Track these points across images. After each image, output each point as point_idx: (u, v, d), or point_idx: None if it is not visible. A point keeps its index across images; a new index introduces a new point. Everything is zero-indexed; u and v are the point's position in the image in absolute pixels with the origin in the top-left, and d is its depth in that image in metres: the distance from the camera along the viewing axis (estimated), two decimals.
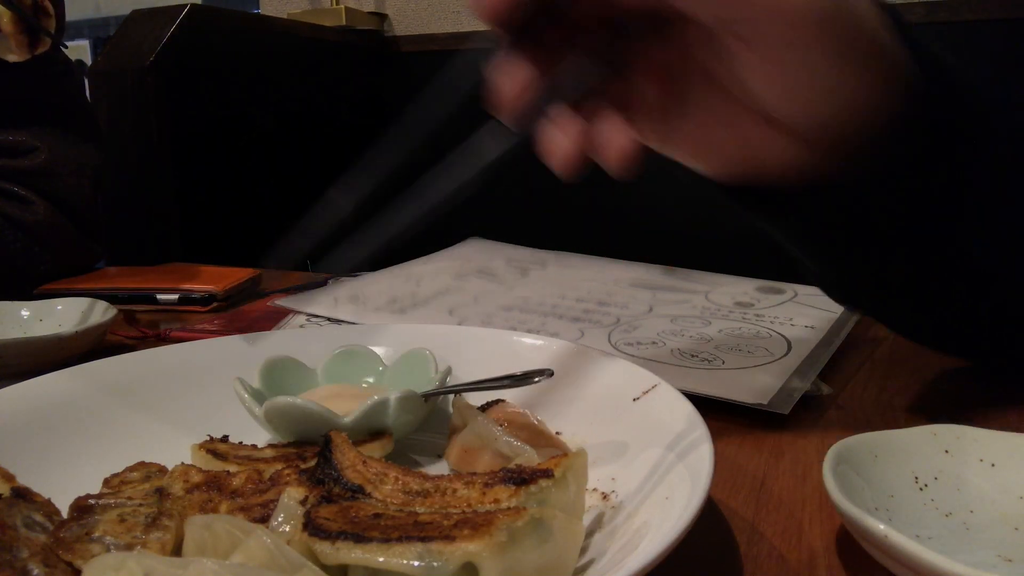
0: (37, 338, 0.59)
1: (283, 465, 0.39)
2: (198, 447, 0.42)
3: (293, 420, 0.42)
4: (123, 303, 0.78)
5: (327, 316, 0.71)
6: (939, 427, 0.37)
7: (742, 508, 0.38)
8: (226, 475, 0.38)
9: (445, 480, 0.35)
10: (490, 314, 0.71)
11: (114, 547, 0.32)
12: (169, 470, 0.39)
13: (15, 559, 0.30)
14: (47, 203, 0.91)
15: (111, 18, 3.49)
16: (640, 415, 0.41)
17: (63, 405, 0.45)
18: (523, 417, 0.43)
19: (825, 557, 0.34)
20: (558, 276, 0.85)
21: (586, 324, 0.67)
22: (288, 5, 1.94)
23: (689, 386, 0.47)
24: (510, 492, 0.32)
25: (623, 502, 0.35)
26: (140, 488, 0.37)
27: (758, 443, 0.46)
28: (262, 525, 0.31)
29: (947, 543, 0.33)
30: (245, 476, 0.37)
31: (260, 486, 0.37)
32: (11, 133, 0.91)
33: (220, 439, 0.43)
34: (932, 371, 0.57)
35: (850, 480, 0.33)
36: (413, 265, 0.92)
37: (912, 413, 0.50)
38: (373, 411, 0.42)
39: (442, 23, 1.74)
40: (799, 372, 0.54)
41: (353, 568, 0.29)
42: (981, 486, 0.35)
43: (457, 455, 0.42)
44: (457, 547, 0.27)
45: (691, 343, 0.61)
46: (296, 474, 0.37)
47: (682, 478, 0.33)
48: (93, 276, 0.92)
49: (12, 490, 0.34)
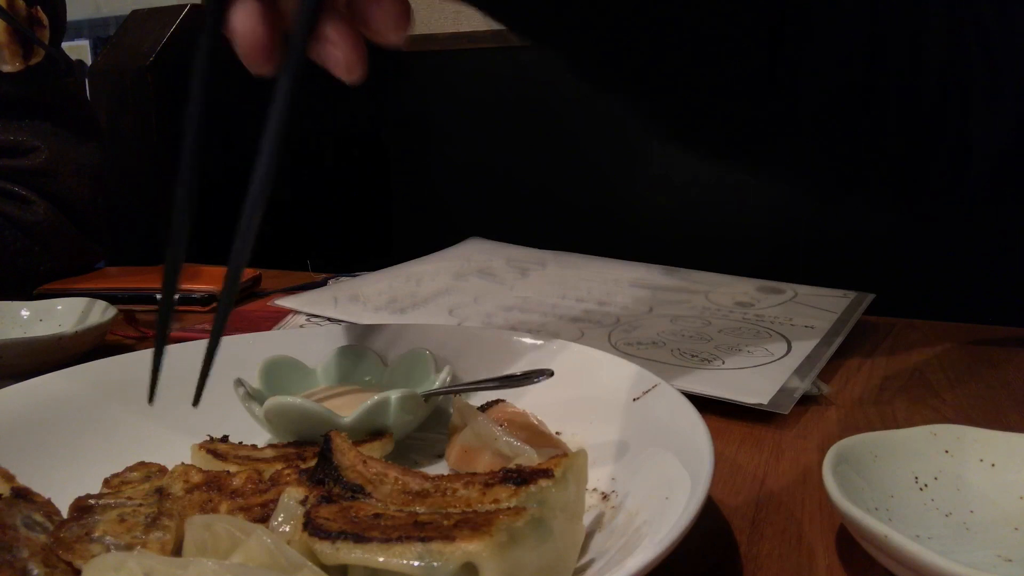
0: (37, 338, 0.59)
1: (283, 465, 0.39)
2: (198, 447, 0.42)
3: (293, 420, 0.42)
4: (123, 303, 0.78)
5: (327, 316, 0.71)
6: (939, 427, 0.37)
7: (742, 508, 0.39)
8: (226, 475, 0.38)
9: (445, 480, 0.35)
10: (490, 314, 0.71)
11: (114, 547, 0.32)
12: (169, 470, 0.39)
13: (15, 559, 0.30)
14: (47, 203, 0.91)
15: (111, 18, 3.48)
16: (640, 415, 0.41)
17: (63, 405, 0.45)
18: (523, 417, 0.43)
19: (825, 557, 0.34)
20: (558, 276, 0.85)
21: (586, 324, 0.67)
22: None
23: (689, 386, 0.47)
24: (510, 492, 0.32)
25: (623, 502, 0.35)
26: (140, 488, 0.37)
27: (758, 443, 0.46)
28: (262, 525, 0.31)
29: (947, 543, 0.33)
30: (245, 476, 0.37)
31: (260, 486, 0.37)
32: (11, 133, 0.91)
33: (220, 439, 0.43)
34: (932, 371, 0.57)
35: (850, 480, 0.33)
36: (413, 265, 0.92)
37: (912, 413, 0.50)
38: (373, 411, 0.42)
39: (442, 23, 1.74)
40: (799, 372, 0.54)
41: (353, 568, 0.29)
42: (981, 486, 0.35)
43: (457, 455, 0.42)
44: (457, 547, 0.27)
45: (691, 343, 0.61)
46: (296, 474, 0.37)
47: (682, 478, 0.33)
48: (93, 276, 0.92)
49: (12, 490, 0.34)
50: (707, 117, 0.50)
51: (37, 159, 0.91)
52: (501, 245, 1.00)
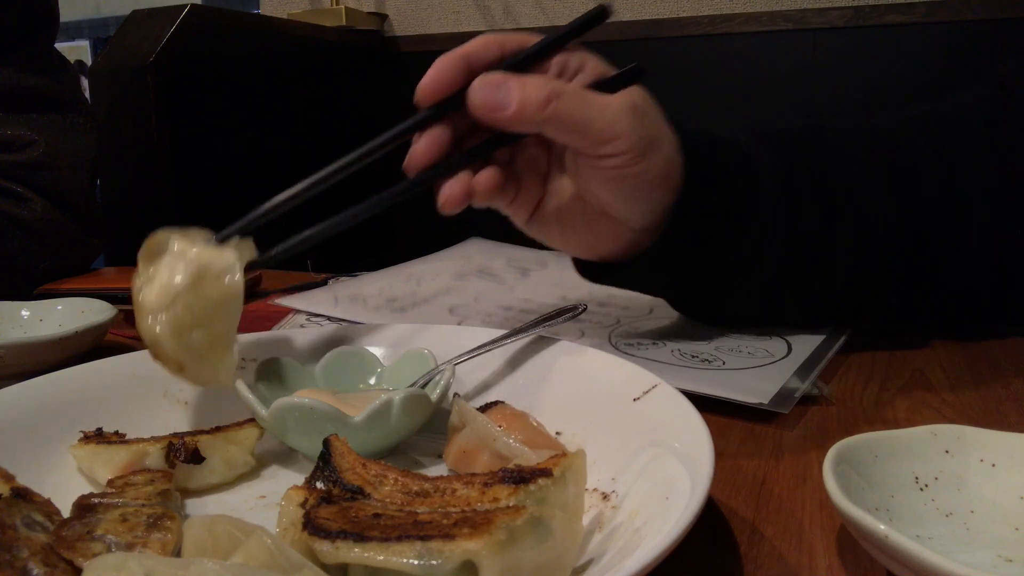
0: (37, 338, 0.59)
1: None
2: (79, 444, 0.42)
3: (300, 420, 0.42)
4: (123, 303, 0.78)
5: (327, 316, 0.71)
6: (939, 427, 0.37)
7: (742, 508, 0.38)
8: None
9: (444, 480, 0.35)
10: (490, 314, 0.71)
11: (115, 546, 0.32)
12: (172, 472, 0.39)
13: (15, 559, 0.30)
14: (44, 200, 0.91)
15: (111, 18, 3.49)
16: (640, 415, 0.41)
17: (63, 405, 0.45)
18: (522, 418, 0.43)
19: (825, 557, 0.34)
20: (558, 276, 0.85)
21: (586, 324, 0.67)
22: (288, 5, 1.94)
23: (689, 386, 0.47)
24: (509, 491, 0.32)
25: (623, 502, 0.35)
26: (144, 490, 0.37)
27: (758, 443, 0.46)
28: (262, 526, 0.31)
29: (947, 543, 0.33)
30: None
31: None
32: (8, 127, 0.90)
33: (95, 431, 0.44)
34: (932, 371, 0.57)
35: (850, 480, 0.33)
36: (413, 265, 0.92)
37: (912, 413, 0.50)
38: (381, 410, 0.42)
39: (442, 23, 1.74)
40: (799, 372, 0.54)
41: (353, 567, 0.29)
42: (981, 486, 0.35)
43: (456, 456, 0.42)
44: (457, 546, 0.27)
45: (691, 343, 0.61)
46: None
47: (682, 478, 0.33)
48: (93, 276, 0.92)
49: (12, 490, 0.34)
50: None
51: (34, 152, 0.91)
52: (501, 245, 1.00)
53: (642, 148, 0.49)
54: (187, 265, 0.45)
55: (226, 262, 0.45)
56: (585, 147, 0.49)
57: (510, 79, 0.48)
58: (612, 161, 0.49)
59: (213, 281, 0.45)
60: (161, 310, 0.44)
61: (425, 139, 0.50)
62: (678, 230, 0.55)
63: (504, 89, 0.47)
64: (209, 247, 0.46)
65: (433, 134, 0.50)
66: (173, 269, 0.45)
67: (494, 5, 1.65)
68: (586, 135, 0.48)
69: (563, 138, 0.49)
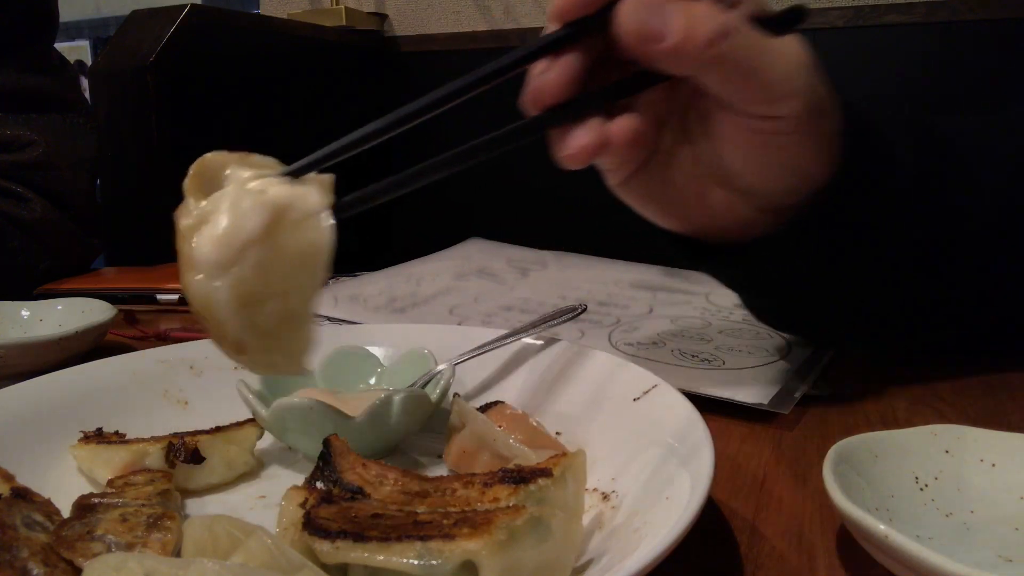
0: (37, 338, 0.59)
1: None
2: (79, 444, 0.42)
3: (300, 420, 0.42)
4: (123, 303, 0.78)
5: (327, 316, 0.71)
6: (939, 427, 0.37)
7: (742, 508, 0.38)
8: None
9: (444, 481, 0.35)
10: (490, 314, 0.71)
11: (115, 546, 0.32)
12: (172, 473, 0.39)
13: (15, 559, 0.30)
14: (44, 200, 0.91)
15: (111, 18, 3.48)
16: (640, 415, 0.41)
17: (63, 405, 0.45)
18: (522, 418, 0.43)
19: (825, 557, 0.34)
20: (558, 276, 0.85)
21: (586, 324, 0.67)
22: (288, 5, 1.94)
23: (689, 386, 0.47)
24: (509, 491, 0.32)
25: (623, 502, 0.35)
26: (144, 490, 0.37)
27: (758, 443, 0.46)
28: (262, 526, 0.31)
29: (947, 543, 0.33)
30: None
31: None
32: (8, 127, 0.91)
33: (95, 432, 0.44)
34: (932, 371, 0.57)
35: (850, 480, 0.33)
36: (413, 265, 0.92)
37: (912, 413, 0.50)
38: (381, 410, 0.42)
39: (442, 23, 1.74)
40: (799, 372, 0.54)
41: (353, 567, 0.29)
42: (981, 486, 0.35)
43: (456, 456, 0.42)
44: (456, 545, 0.27)
45: (691, 344, 0.61)
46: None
47: (682, 478, 0.33)
48: (93, 276, 0.92)
49: (12, 490, 0.34)
50: None
51: (34, 152, 0.91)
52: (501, 245, 1.00)
53: (816, 112, 0.40)
54: (259, 204, 0.32)
55: (310, 204, 0.33)
56: (749, 102, 0.39)
57: (673, 1, 0.36)
58: (777, 124, 0.40)
59: (293, 229, 0.32)
60: (222, 267, 0.31)
61: (560, 67, 0.39)
62: (824, 216, 0.44)
63: (665, 14, 0.36)
64: (284, 182, 0.34)
65: (567, 62, 0.39)
66: (238, 207, 0.32)
67: (494, 5, 1.65)
68: (757, 88, 0.38)
69: (724, 88, 0.39)
